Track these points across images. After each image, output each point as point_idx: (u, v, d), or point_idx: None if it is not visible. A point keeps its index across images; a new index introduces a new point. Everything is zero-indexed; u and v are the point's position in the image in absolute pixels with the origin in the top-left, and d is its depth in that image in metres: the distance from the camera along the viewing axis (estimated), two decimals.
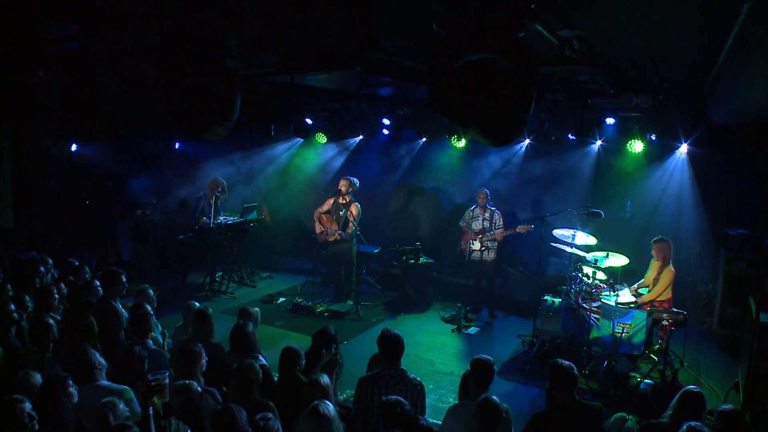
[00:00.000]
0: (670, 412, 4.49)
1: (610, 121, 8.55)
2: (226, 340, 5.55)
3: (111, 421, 3.73)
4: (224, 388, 4.73)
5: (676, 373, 6.79)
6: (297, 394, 4.72)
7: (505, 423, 4.35)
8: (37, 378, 4.30)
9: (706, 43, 4.74)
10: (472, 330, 8.80)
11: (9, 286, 6.59)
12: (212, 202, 10.32)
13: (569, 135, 9.08)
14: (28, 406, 3.68)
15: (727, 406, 4.37)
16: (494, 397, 4.21)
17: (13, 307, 5.87)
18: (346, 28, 2.63)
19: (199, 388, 4.38)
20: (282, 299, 10.23)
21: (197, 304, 6.37)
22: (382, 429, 4.23)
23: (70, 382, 4.11)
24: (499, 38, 2.30)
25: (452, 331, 8.79)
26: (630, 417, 5.07)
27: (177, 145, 12.92)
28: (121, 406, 3.91)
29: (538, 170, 10.71)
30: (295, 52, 2.77)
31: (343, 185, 9.62)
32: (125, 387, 4.39)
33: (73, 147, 11.12)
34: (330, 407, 3.95)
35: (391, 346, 4.77)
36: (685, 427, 3.66)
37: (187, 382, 4.46)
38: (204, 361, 4.86)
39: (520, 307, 9.47)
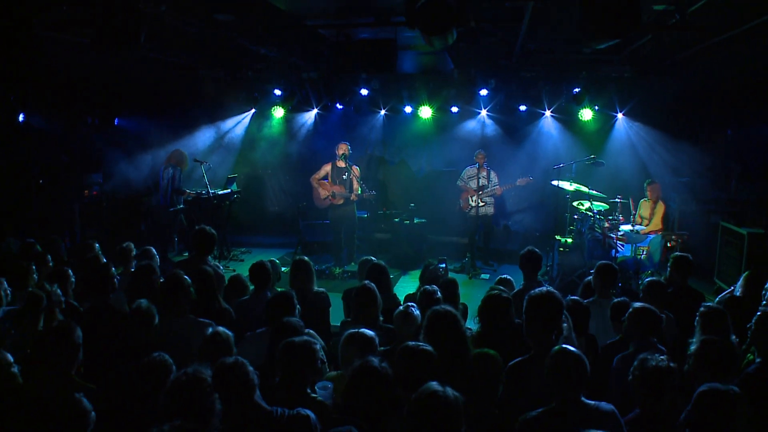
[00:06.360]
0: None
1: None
2: None
3: None
4: None
5: None
6: None
7: None
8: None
9: None
10: (485, 275, 9.68)
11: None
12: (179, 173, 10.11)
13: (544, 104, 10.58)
14: (318, 345, 3.54)
15: None
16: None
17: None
18: None
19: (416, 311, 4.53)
20: (285, 269, 10.07)
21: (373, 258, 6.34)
22: None
23: None
24: None
25: (469, 278, 9.59)
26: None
27: (116, 121, 11.82)
28: None
29: (500, 138, 11.92)
30: None
31: (343, 149, 9.86)
32: None
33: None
34: None
35: (536, 261, 5.81)
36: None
37: (411, 304, 4.60)
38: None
39: (512, 256, 10.51)
